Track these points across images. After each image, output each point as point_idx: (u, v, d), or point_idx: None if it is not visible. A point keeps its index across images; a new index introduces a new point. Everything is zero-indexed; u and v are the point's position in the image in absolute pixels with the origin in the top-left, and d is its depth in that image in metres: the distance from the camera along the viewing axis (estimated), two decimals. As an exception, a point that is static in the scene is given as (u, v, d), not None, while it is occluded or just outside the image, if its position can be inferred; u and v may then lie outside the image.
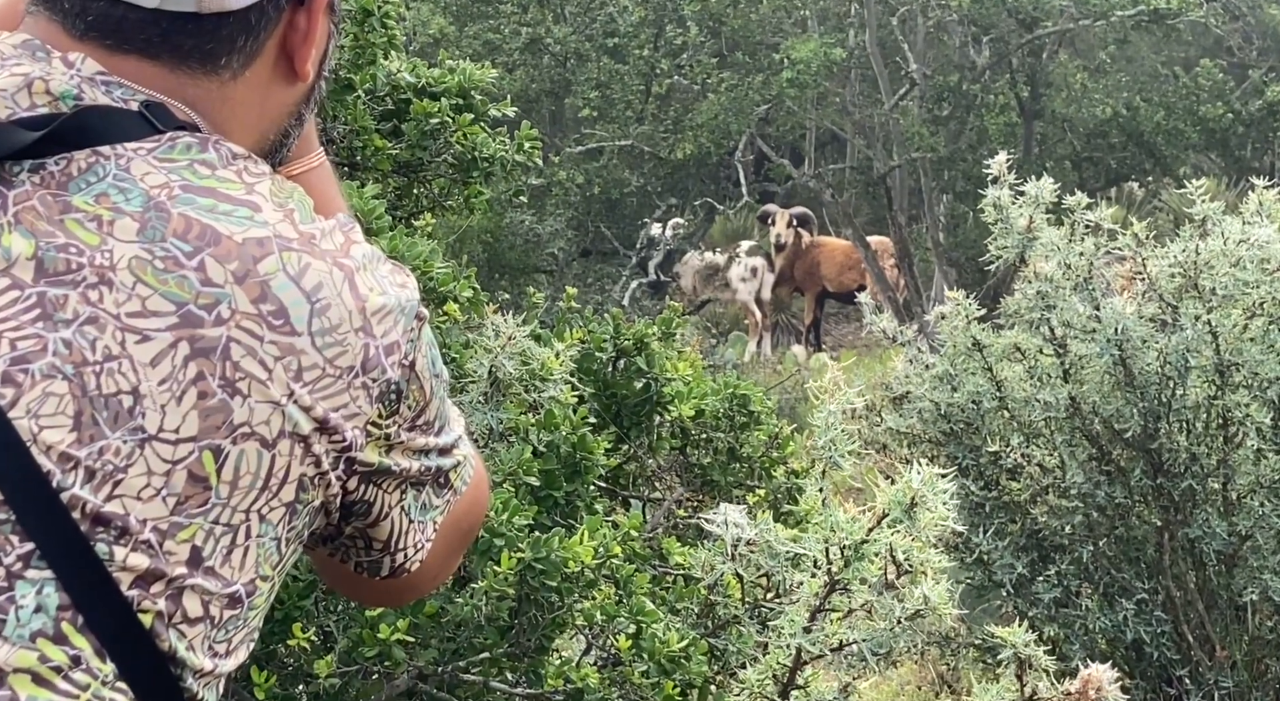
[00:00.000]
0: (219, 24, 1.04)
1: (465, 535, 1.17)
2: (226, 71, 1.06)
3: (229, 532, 0.97)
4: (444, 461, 1.11)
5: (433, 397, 1.08)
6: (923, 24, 13.44)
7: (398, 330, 1.04)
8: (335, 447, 1.01)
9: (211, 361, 0.95)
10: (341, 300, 1.01)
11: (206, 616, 0.97)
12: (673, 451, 3.51)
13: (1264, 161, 15.79)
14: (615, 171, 13.80)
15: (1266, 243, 4.74)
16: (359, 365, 1.01)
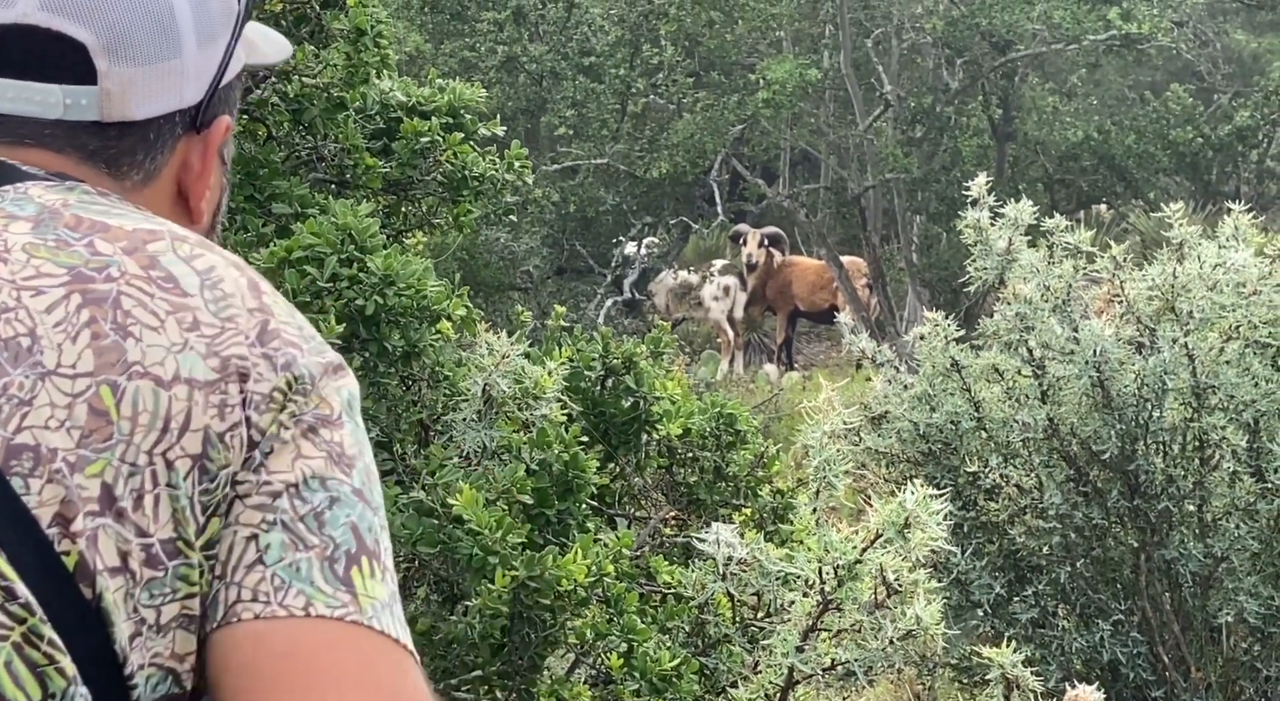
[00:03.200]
0: (121, 134, 1.06)
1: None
2: (128, 181, 1.08)
3: (136, 473, 0.95)
4: (344, 540, 0.97)
5: (360, 458, 1.00)
6: (897, 46, 13.54)
7: (303, 341, 1.01)
8: (240, 398, 0.98)
9: (103, 308, 0.97)
10: (238, 287, 1.02)
11: (125, 568, 0.95)
12: (659, 470, 3.53)
13: (1232, 185, 15.95)
14: (590, 190, 13.83)
15: (1242, 267, 4.79)
16: (256, 334, 1.00)
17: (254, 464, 0.98)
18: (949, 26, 13.21)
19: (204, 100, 1.09)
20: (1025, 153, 14.41)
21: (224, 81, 1.10)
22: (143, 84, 1.06)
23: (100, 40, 1.04)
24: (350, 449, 1.00)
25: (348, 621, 0.95)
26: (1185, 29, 14.80)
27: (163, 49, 1.06)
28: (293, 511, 0.97)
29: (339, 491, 0.98)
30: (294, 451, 0.99)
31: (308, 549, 0.96)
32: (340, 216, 2.84)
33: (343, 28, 3.13)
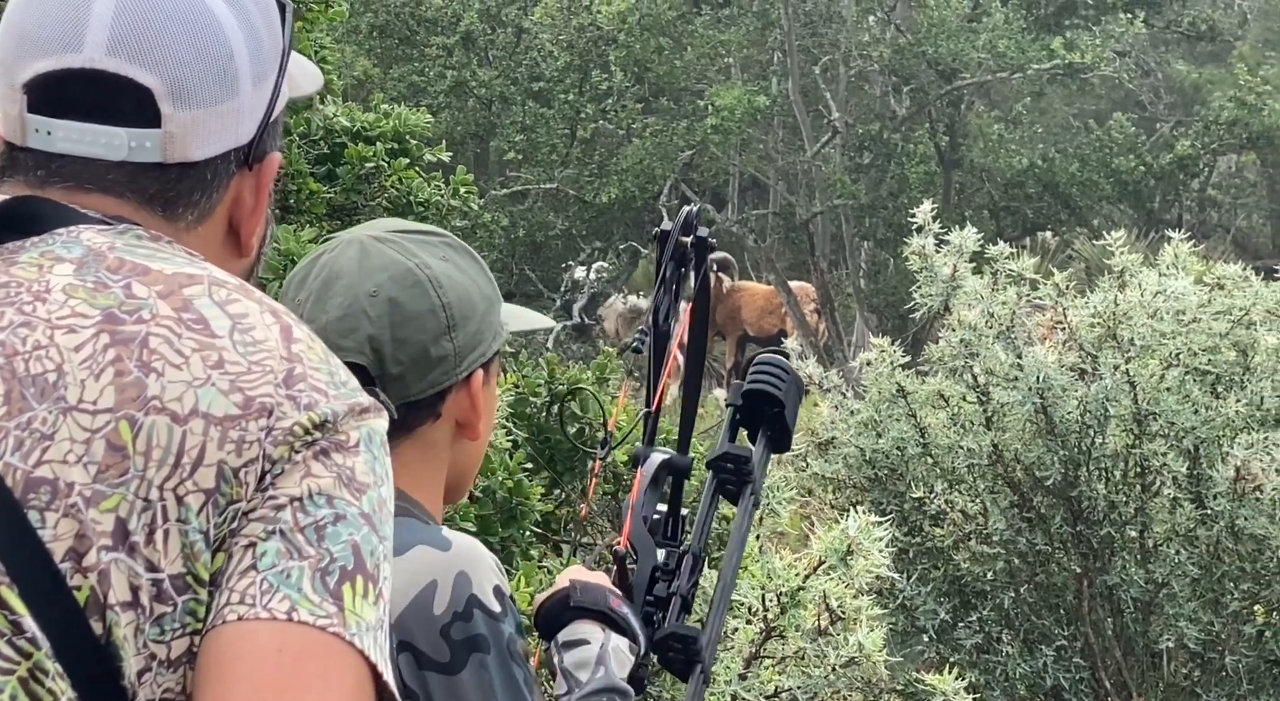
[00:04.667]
0: (180, 175, 1.09)
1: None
2: (182, 222, 1.10)
3: (149, 508, 0.97)
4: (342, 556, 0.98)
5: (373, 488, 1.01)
6: (844, 73, 13.64)
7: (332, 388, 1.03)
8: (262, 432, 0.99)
9: (130, 347, 0.99)
10: (270, 332, 1.03)
11: (136, 603, 0.96)
12: (604, 496, 3.52)
13: (1173, 213, 16.17)
14: (540, 214, 13.83)
15: (1182, 295, 4.85)
16: (284, 377, 1.01)
17: (264, 487, 0.99)
18: (896, 54, 13.33)
19: (256, 137, 1.11)
20: (971, 179, 14.54)
21: (274, 116, 1.13)
22: (204, 126, 1.08)
23: (165, 85, 1.06)
24: (363, 476, 1.01)
25: (329, 632, 0.96)
26: (1127, 59, 15.01)
27: (223, 91, 1.08)
28: (293, 522, 0.98)
29: (345, 511, 0.99)
30: (303, 471, 1.00)
31: (302, 558, 0.97)
32: (283, 242, 2.82)
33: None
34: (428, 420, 1.51)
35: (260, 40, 1.11)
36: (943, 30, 13.14)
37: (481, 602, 1.43)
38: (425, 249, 1.52)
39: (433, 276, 1.50)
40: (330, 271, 1.49)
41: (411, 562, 1.42)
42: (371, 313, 1.47)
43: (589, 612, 1.59)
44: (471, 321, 1.51)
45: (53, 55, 1.06)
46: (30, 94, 1.07)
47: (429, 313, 1.48)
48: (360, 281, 1.48)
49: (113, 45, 1.06)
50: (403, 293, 1.48)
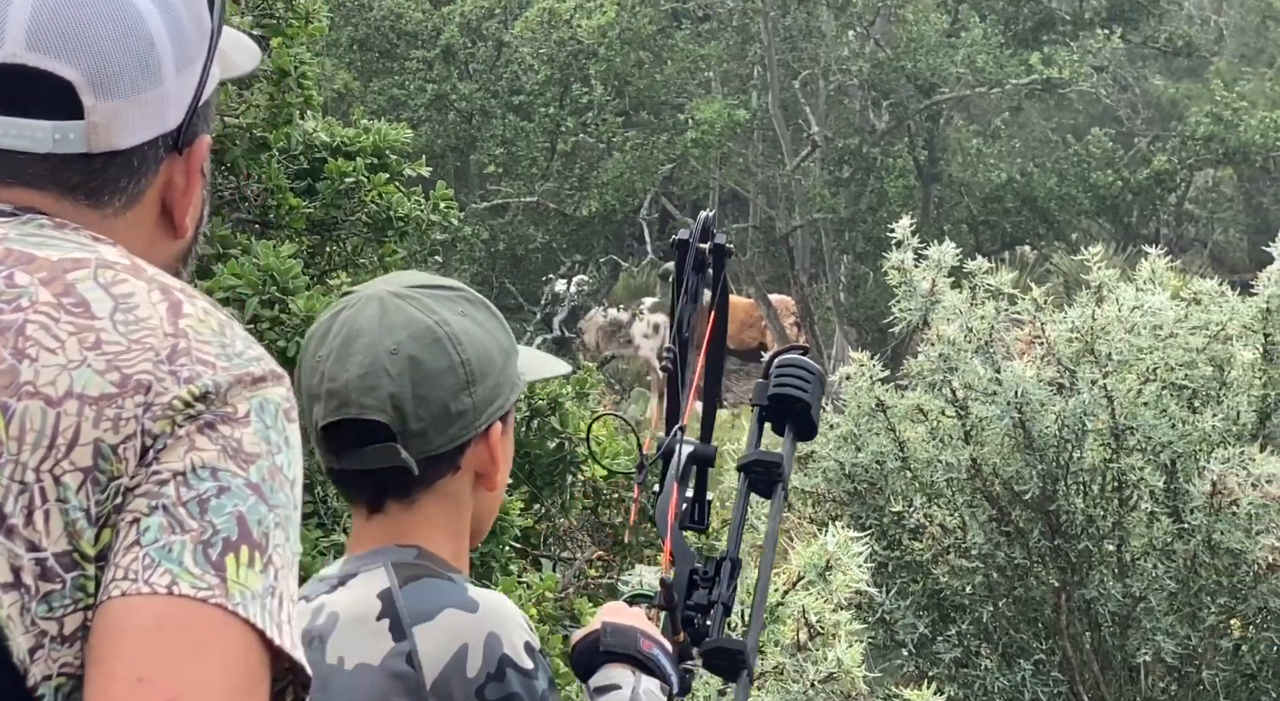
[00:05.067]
0: (106, 164, 1.10)
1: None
2: (109, 208, 1.12)
3: (25, 491, 0.98)
4: (225, 528, 0.98)
5: (264, 458, 1.02)
6: (824, 88, 13.69)
7: (222, 359, 1.04)
8: (140, 409, 1.00)
9: (6, 336, 1.01)
10: (155, 310, 1.04)
11: (19, 584, 0.97)
12: (584, 511, 3.52)
13: (1151, 228, 16.25)
14: (520, 228, 13.84)
15: (1159, 310, 4.88)
16: (165, 353, 1.02)
17: (147, 462, 1.00)
18: (875, 69, 13.39)
19: (184, 122, 1.13)
20: (950, 194, 14.60)
21: (202, 100, 1.14)
22: (127, 115, 1.10)
23: (85, 78, 1.08)
24: (251, 447, 1.01)
25: (210, 603, 0.97)
26: (1105, 74, 15.10)
27: (145, 80, 1.10)
28: (176, 496, 0.99)
29: (230, 482, 1.00)
30: (187, 445, 1.00)
31: (184, 532, 0.98)
32: (262, 257, 2.82)
33: (265, 68, 3.12)
34: (448, 473, 1.54)
35: (183, 27, 1.11)
36: (921, 45, 13.21)
37: (513, 661, 1.45)
38: (444, 305, 1.54)
39: (451, 333, 1.52)
40: (351, 329, 1.52)
41: (442, 627, 1.46)
42: (392, 371, 1.49)
43: (619, 656, 1.62)
44: (490, 376, 1.54)
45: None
46: None
47: (448, 370, 1.51)
48: (380, 339, 1.50)
49: (32, 39, 1.07)
50: (423, 350, 1.50)
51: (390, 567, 1.50)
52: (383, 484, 1.53)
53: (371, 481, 1.53)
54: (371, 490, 1.54)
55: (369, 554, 1.53)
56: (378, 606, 1.48)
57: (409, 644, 1.46)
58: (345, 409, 1.49)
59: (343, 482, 1.57)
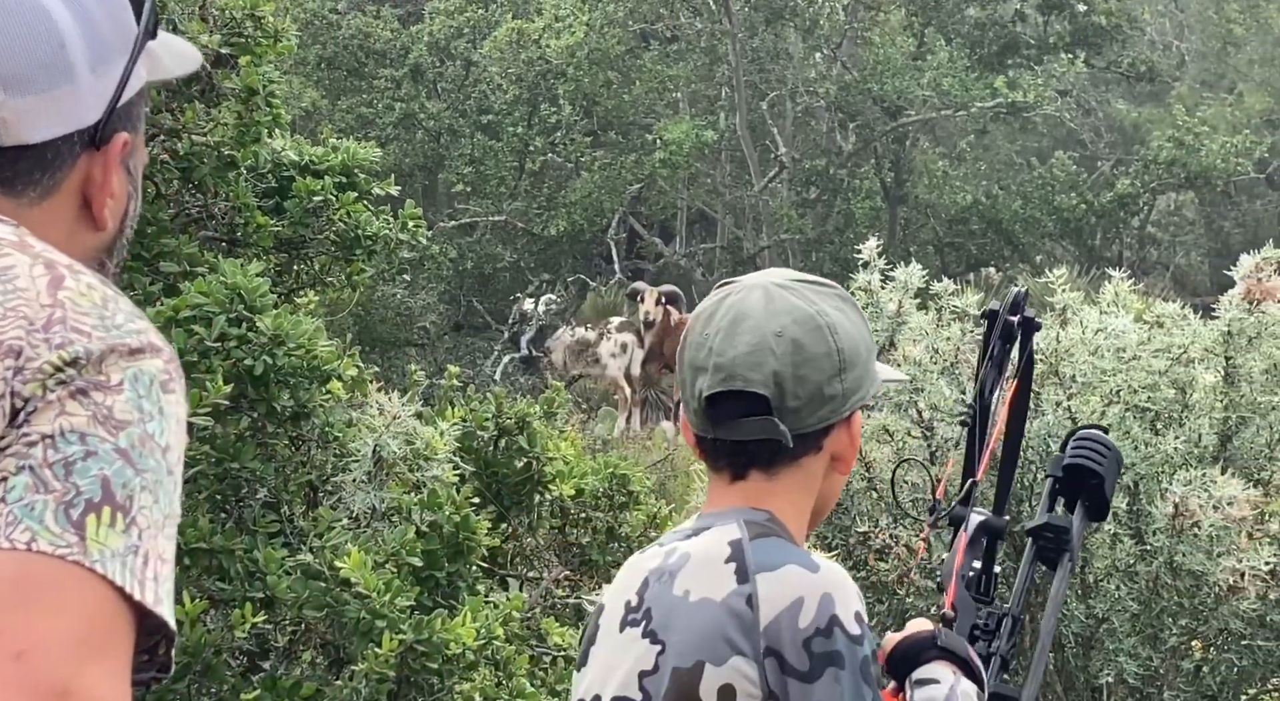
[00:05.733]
0: (17, 156, 1.15)
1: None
2: (25, 199, 1.16)
3: None
4: (89, 490, 1.02)
5: (134, 425, 1.06)
6: (791, 109, 13.77)
7: (99, 330, 1.07)
8: (10, 372, 1.04)
9: None
10: (34, 282, 1.09)
11: None
12: (552, 530, 3.53)
13: (1114, 250, 16.39)
14: (488, 246, 13.84)
15: (1122, 332, 4.92)
16: (41, 322, 1.06)
17: (18, 424, 1.03)
18: (842, 91, 13.48)
19: (101, 120, 1.17)
20: (916, 215, 14.70)
21: (122, 100, 1.18)
22: (37, 111, 1.14)
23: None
24: (122, 414, 1.05)
25: (68, 560, 1.00)
26: (1069, 98, 15.24)
27: (54, 79, 1.15)
28: (42, 458, 1.02)
29: (97, 448, 1.03)
30: (57, 409, 1.04)
31: (48, 492, 1.01)
32: (229, 275, 2.82)
33: (234, 87, 3.12)
34: (811, 452, 1.65)
35: (98, 29, 1.17)
36: (888, 68, 13.31)
37: (842, 623, 1.54)
38: (822, 298, 1.66)
39: (830, 322, 1.64)
40: (738, 311, 1.64)
41: (783, 578, 1.57)
42: (777, 350, 1.61)
43: (949, 655, 1.72)
44: (858, 366, 1.65)
45: None
46: None
47: (825, 355, 1.63)
48: (767, 322, 1.63)
49: None
50: (805, 335, 1.62)
51: (743, 523, 1.61)
52: (752, 454, 1.63)
53: (741, 451, 1.64)
54: (740, 459, 1.64)
55: (724, 511, 1.64)
56: (727, 551, 1.59)
57: (750, 587, 1.56)
58: (731, 381, 1.60)
59: (712, 451, 1.66)
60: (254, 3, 3.08)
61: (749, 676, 1.54)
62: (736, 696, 1.55)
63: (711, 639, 1.56)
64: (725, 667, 1.55)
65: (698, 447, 1.67)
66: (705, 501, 1.70)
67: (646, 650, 1.60)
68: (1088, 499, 1.96)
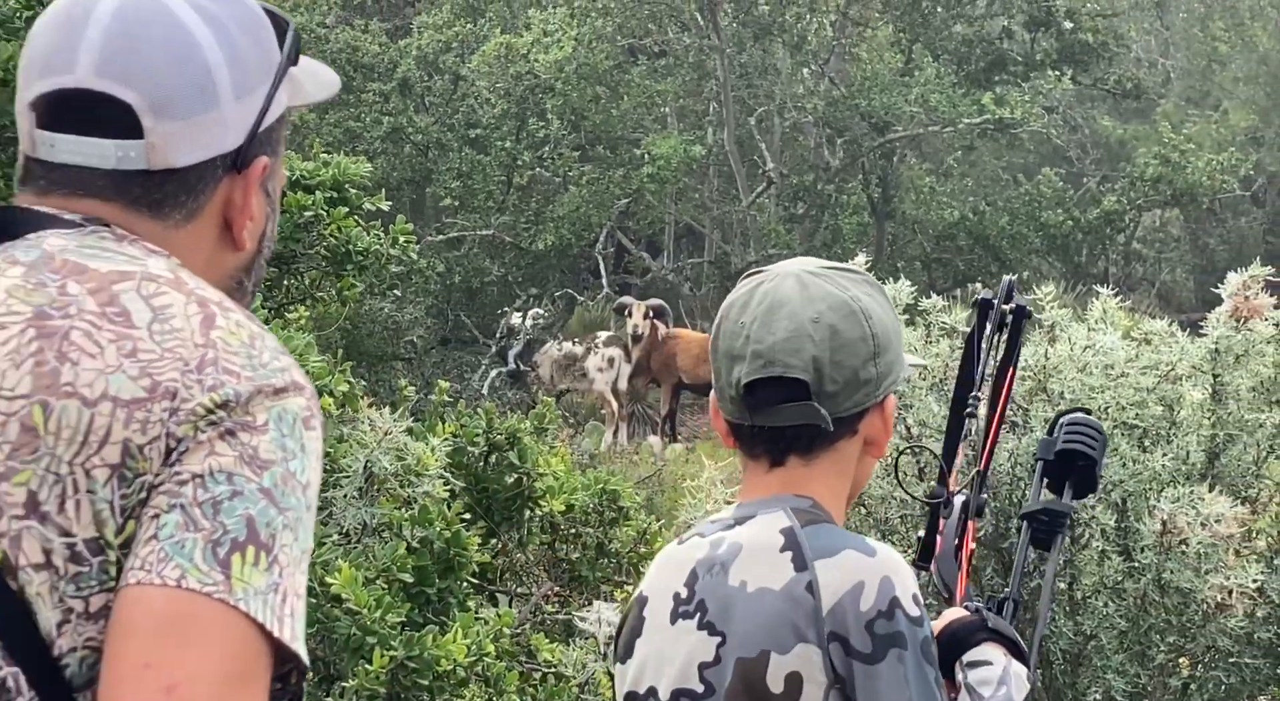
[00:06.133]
0: (165, 180, 1.21)
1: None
2: (170, 221, 1.22)
3: (59, 482, 1.08)
4: (235, 529, 1.07)
5: (278, 464, 1.10)
6: (779, 124, 13.80)
7: (247, 369, 1.11)
8: (166, 413, 1.09)
9: (52, 340, 1.11)
10: (188, 321, 1.13)
11: (49, 564, 1.07)
12: (541, 546, 3.52)
13: (1099, 267, 16.44)
14: (476, 260, 13.84)
15: (1110, 349, 4.93)
16: (195, 363, 1.11)
17: (170, 462, 1.09)
18: (829, 107, 13.51)
19: (244, 144, 1.23)
20: (904, 231, 14.74)
21: (263, 126, 1.24)
22: (184, 136, 1.20)
23: (145, 101, 1.19)
24: (266, 454, 1.10)
25: (214, 597, 1.05)
26: (1055, 115, 15.29)
27: (201, 105, 1.20)
28: (192, 497, 1.07)
29: (244, 487, 1.08)
30: (207, 449, 1.09)
31: (197, 530, 1.07)
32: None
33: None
34: (846, 435, 1.67)
35: (243, 59, 1.22)
36: (876, 84, 13.34)
37: (903, 605, 1.56)
38: (854, 284, 1.69)
39: (863, 307, 1.66)
40: (774, 299, 1.66)
41: (841, 564, 1.58)
42: (815, 336, 1.63)
43: (999, 637, 1.75)
44: (890, 350, 1.68)
45: (52, 77, 1.20)
46: (36, 111, 1.20)
47: (861, 340, 1.65)
48: (803, 309, 1.64)
49: (100, 67, 1.18)
50: (841, 321, 1.65)
51: (790, 511, 1.63)
52: (790, 440, 1.65)
53: (780, 437, 1.65)
54: (778, 446, 1.66)
55: (765, 500, 1.65)
56: (780, 540, 1.60)
57: (810, 574, 1.57)
58: (770, 368, 1.62)
59: (749, 438, 1.67)
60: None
61: (815, 662, 1.56)
62: (804, 683, 1.56)
63: (775, 627, 1.57)
64: (791, 655, 1.56)
65: (732, 435, 1.68)
66: (742, 489, 1.71)
67: (704, 642, 1.60)
68: (1076, 479, 2.00)
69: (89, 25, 1.20)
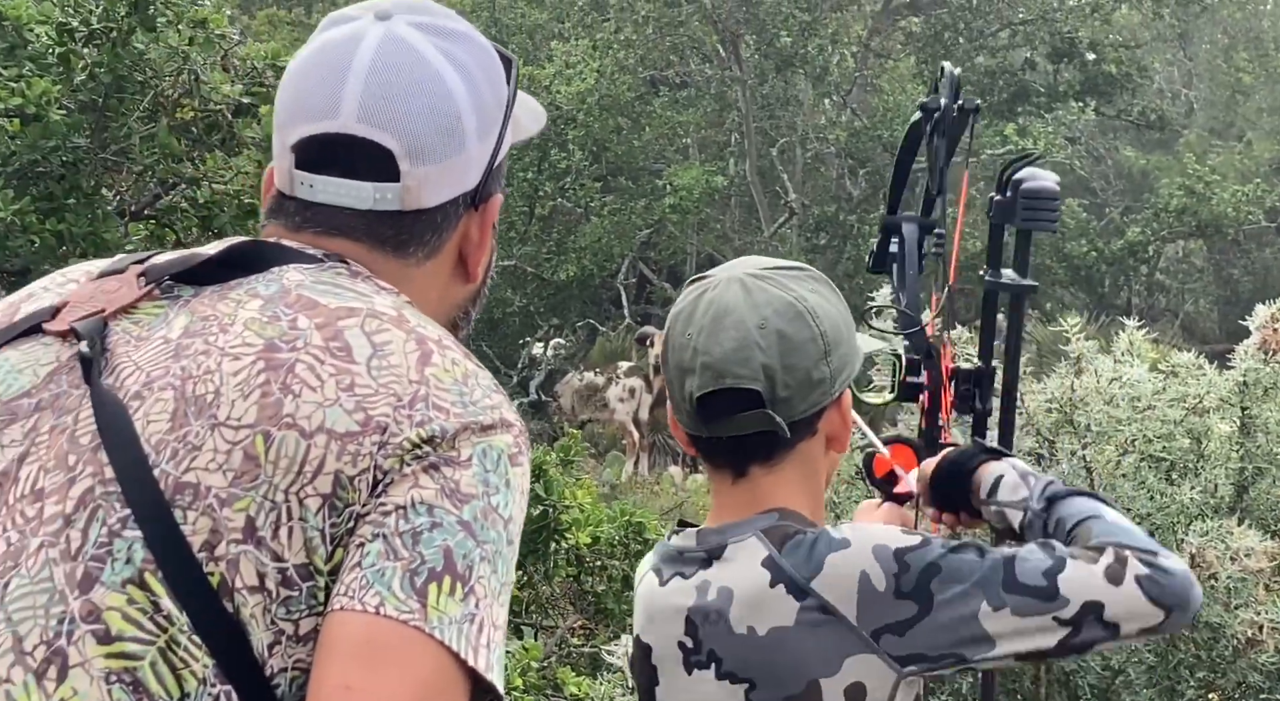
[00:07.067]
0: (414, 220, 1.28)
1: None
2: (412, 259, 1.29)
3: (275, 509, 1.12)
4: (432, 559, 1.10)
5: (479, 499, 1.13)
6: (801, 155, 13.81)
7: (457, 406, 1.15)
8: (375, 447, 1.13)
9: (278, 372, 1.15)
10: (406, 358, 1.18)
11: (263, 588, 1.12)
12: (567, 578, 3.51)
13: (1123, 298, 16.39)
14: (498, 291, 13.86)
15: (1137, 382, 4.91)
16: (407, 398, 1.15)
17: (377, 493, 1.13)
18: (851, 137, 13.52)
19: (481, 182, 1.30)
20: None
21: (497, 162, 1.31)
22: (436, 178, 1.27)
23: (404, 146, 1.25)
24: (468, 488, 1.13)
25: (410, 625, 1.09)
26: (1079, 146, 15.28)
27: (452, 148, 1.27)
28: (394, 527, 1.11)
29: (443, 519, 1.12)
30: (411, 482, 1.13)
31: (397, 559, 1.11)
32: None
33: (254, 136, 3.13)
34: (807, 436, 1.66)
35: (484, 100, 1.29)
36: (898, 115, 13.35)
37: (905, 550, 1.56)
38: (798, 283, 1.67)
39: (810, 307, 1.65)
40: (718, 308, 1.64)
41: (835, 573, 1.57)
42: (763, 343, 1.62)
43: (994, 452, 1.78)
44: (842, 345, 1.67)
45: (315, 121, 1.26)
46: (297, 153, 1.27)
47: (810, 341, 1.64)
48: (749, 315, 1.63)
49: (362, 113, 1.25)
50: (788, 324, 1.63)
51: (760, 535, 1.61)
52: (750, 449, 1.64)
53: (739, 448, 1.64)
54: (738, 456, 1.65)
55: (731, 526, 1.63)
56: (767, 575, 1.58)
57: (814, 598, 1.56)
58: (722, 379, 1.61)
59: (710, 451, 1.67)
60: (275, 52, 3.10)
61: (874, 664, 1.55)
62: (868, 691, 1.56)
63: (810, 659, 1.56)
64: (842, 673, 1.55)
65: (693, 447, 1.68)
66: (712, 504, 1.69)
67: (729, 690, 1.59)
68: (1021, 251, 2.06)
69: (350, 72, 1.25)
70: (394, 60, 1.26)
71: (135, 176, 2.84)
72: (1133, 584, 1.52)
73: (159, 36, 2.74)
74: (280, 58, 3.07)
